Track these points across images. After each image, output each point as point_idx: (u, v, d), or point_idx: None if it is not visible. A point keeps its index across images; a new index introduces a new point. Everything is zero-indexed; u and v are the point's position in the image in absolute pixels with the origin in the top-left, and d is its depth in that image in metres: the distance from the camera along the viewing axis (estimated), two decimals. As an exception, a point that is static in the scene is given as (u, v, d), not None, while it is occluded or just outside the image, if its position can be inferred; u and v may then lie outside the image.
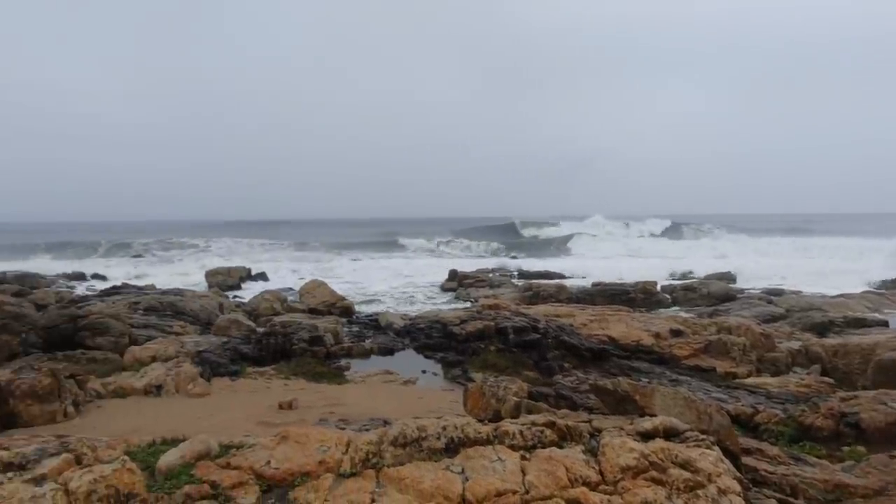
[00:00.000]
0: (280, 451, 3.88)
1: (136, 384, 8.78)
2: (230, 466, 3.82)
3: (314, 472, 3.66)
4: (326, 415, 7.76)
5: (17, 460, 3.37)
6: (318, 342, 12.27)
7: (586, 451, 3.91)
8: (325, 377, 10.52)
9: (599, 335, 12.54)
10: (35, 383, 7.23)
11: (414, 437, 3.81)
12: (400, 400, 9.08)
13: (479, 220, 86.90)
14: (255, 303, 18.13)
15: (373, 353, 12.93)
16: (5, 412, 7.11)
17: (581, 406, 6.99)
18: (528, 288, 23.02)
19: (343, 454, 3.76)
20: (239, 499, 3.45)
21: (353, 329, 15.60)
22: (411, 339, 14.02)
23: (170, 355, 10.47)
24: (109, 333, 11.58)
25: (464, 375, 11.02)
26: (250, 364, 11.12)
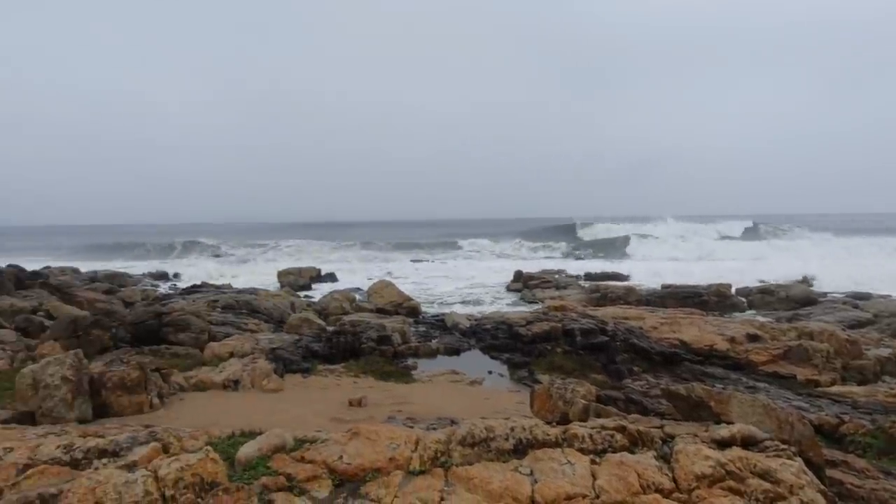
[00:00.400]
0: (352, 446, 3.97)
1: (215, 378, 9.19)
2: (304, 460, 3.93)
3: (384, 468, 3.73)
4: (394, 413, 7.88)
5: (111, 447, 3.60)
6: (386, 341, 12.48)
7: (658, 457, 3.81)
8: (392, 376, 10.70)
9: (670, 339, 12.19)
10: (124, 376, 7.69)
11: (482, 437, 3.83)
12: (466, 400, 9.11)
13: (539, 220, 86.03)
14: (324, 302, 18.61)
15: (439, 353, 13.03)
16: (98, 402, 7.60)
17: (652, 411, 6.82)
18: (595, 289, 22.61)
19: (412, 452, 3.81)
20: (313, 492, 3.56)
21: (420, 329, 15.78)
22: (477, 340, 14.05)
23: (246, 352, 10.91)
24: (190, 330, 12.19)
25: (530, 377, 10.95)
26: (321, 361, 11.43)
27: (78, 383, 7.32)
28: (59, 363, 7.41)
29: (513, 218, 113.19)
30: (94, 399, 7.56)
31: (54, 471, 3.24)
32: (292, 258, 40.65)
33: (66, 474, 3.19)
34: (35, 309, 14.95)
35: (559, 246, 50.66)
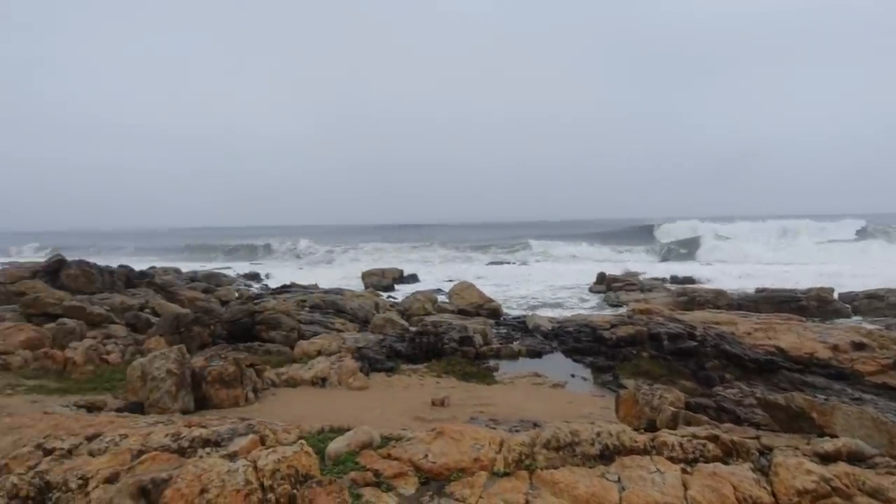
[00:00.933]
0: (436, 445, 4.03)
1: (304, 375, 9.56)
2: (391, 457, 4.03)
3: (469, 468, 3.76)
4: (477, 413, 7.91)
5: (213, 437, 3.83)
6: (467, 342, 12.56)
7: (755, 469, 3.64)
8: (474, 377, 10.75)
9: (766, 345, 11.55)
10: (223, 370, 8.15)
11: (567, 441, 3.79)
12: (549, 403, 9.02)
13: (617, 221, 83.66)
14: (407, 303, 18.93)
15: (521, 355, 12.97)
16: (199, 395, 8.09)
17: (746, 421, 6.50)
18: (682, 293, 21.77)
19: (496, 453, 3.83)
20: (400, 488, 3.64)
21: (501, 331, 15.75)
22: (559, 343, 13.88)
23: (333, 350, 11.29)
24: (281, 328, 12.74)
25: (614, 381, 10.71)
26: (404, 361, 11.66)
27: (181, 376, 7.83)
28: (164, 357, 7.94)
29: (592, 219, 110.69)
30: (196, 392, 8.06)
31: (164, 457, 3.48)
32: (375, 259, 41.60)
33: (175, 461, 3.42)
34: (142, 306, 16.07)
35: (640, 247, 48.87)
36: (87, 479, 3.25)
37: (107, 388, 8.99)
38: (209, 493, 2.89)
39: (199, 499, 2.88)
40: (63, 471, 3.41)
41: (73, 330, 11.60)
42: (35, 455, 3.82)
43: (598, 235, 59.16)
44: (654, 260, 41.65)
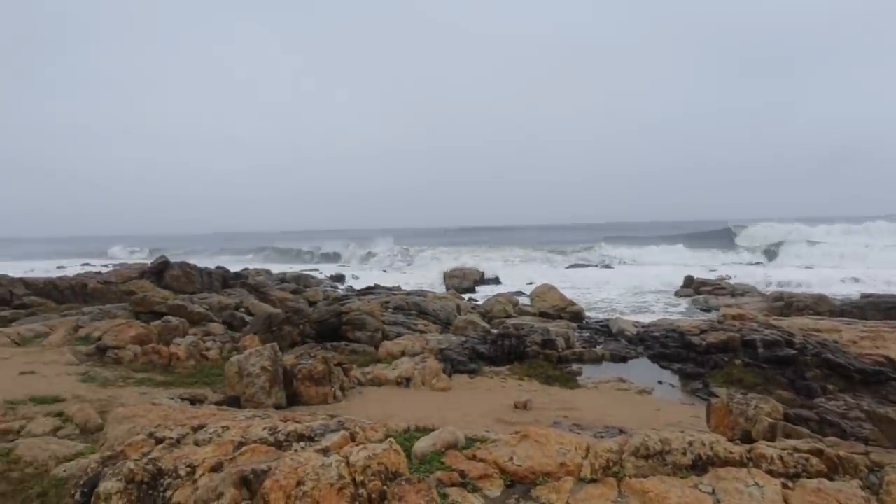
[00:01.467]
0: (521, 448, 4.03)
1: (389, 375, 9.79)
2: (476, 458, 4.06)
3: (554, 473, 3.74)
4: (560, 418, 7.83)
5: (307, 432, 4.00)
6: (550, 345, 12.43)
7: (864, 487, 3.41)
8: (557, 380, 10.63)
9: (873, 355, 10.73)
10: (312, 368, 8.48)
11: (657, 449, 3.69)
12: (634, 409, 8.79)
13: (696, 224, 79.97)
14: (488, 305, 18.97)
15: (605, 360, 12.71)
16: (290, 391, 8.46)
17: (852, 435, 6.09)
18: (778, 297, 20.57)
19: (583, 459, 3.78)
20: (485, 490, 3.67)
21: (584, 334, 15.49)
22: (645, 348, 13.49)
23: (416, 351, 11.49)
24: (366, 328, 13.10)
25: (705, 389, 10.29)
26: (486, 363, 11.69)
27: (275, 373, 8.21)
28: (258, 355, 8.36)
29: (674, 220, 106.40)
30: (287, 388, 8.43)
31: (262, 449, 3.67)
32: (455, 262, 41.86)
33: (273, 454, 3.60)
34: (237, 305, 16.97)
35: (727, 250, 46.16)
36: (195, 467, 3.47)
37: (206, 383, 9.56)
38: (305, 486, 3.02)
39: (296, 490, 3.02)
40: (173, 458, 3.65)
41: (177, 327, 12.40)
42: (148, 443, 4.11)
43: (679, 237, 56.80)
44: (740, 262, 39.45)
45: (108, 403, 7.73)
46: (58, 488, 4.82)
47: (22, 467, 5.45)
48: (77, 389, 8.61)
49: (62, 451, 5.81)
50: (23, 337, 12.43)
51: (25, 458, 5.62)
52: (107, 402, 7.81)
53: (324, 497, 2.96)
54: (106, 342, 11.08)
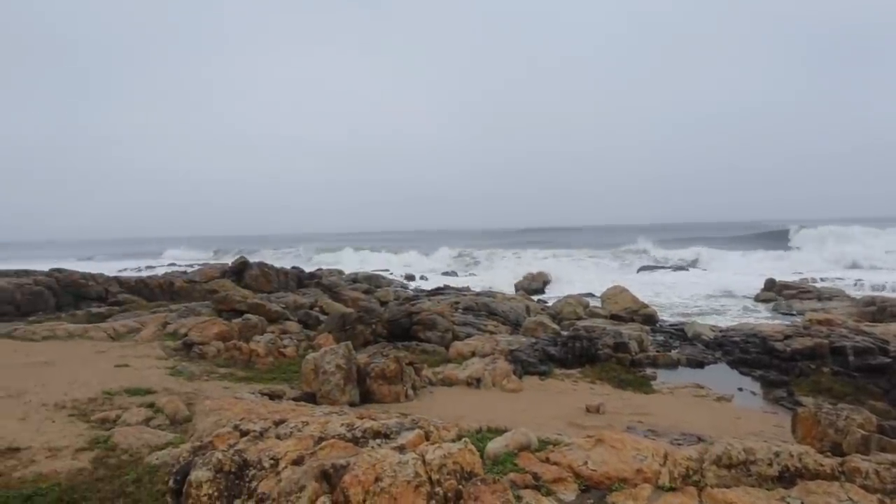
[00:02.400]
0: (596, 453, 3.97)
1: (459, 375, 9.84)
2: (549, 461, 4.03)
3: (631, 479, 3.67)
4: (634, 423, 7.66)
5: (383, 430, 4.09)
6: (622, 348, 12.17)
7: (972, 507, 3.17)
8: (630, 384, 10.40)
9: (982, 365, 9.93)
10: (384, 367, 8.65)
11: (741, 459, 3.55)
12: (713, 417, 8.48)
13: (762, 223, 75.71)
14: (558, 306, 18.75)
15: (680, 364, 12.33)
16: (363, 389, 8.65)
17: (957, 451, 5.65)
18: (870, 302, 19.30)
19: (661, 466, 3.69)
20: (559, 493, 3.64)
21: (658, 338, 15.07)
22: (724, 353, 12.99)
23: (486, 352, 11.50)
24: (437, 329, 13.22)
25: (789, 398, 9.80)
26: (557, 365, 11.57)
27: (349, 371, 8.43)
28: (333, 353, 8.60)
29: (753, 220, 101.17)
30: (360, 386, 8.63)
31: (341, 445, 3.78)
32: (524, 263, 41.55)
33: (351, 449, 3.70)
34: (312, 305, 17.50)
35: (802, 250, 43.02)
36: (278, 459, 3.62)
37: (284, 379, 9.91)
38: (383, 482, 3.10)
39: (374, 486, 3.09)
40: (257, 451, 3.81)
41: (256, 325, 12.92)
42: (233, 435, 4.30)
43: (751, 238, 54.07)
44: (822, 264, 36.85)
45: (194, 396, 8.15)
46: (151, 475, 5.13)
47: (118, 454, 5.83)
48: (166, 382, 9.11)
49: (154, 440, 6.17)
50: (117, 332, 13.27)
51: (121, 446, 6.00)
52: (193, 395, 8.23)
53: (401, 494, 3.02)
54: (191, 338, 11.67)
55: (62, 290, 19.69)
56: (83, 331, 13.11)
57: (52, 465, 5.50)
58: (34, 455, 5.74)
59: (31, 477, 5.18)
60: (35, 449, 5.89)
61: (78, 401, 7.68)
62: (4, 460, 5.58)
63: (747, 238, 56.16)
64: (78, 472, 5.32)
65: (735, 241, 53.13)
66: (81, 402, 7.63)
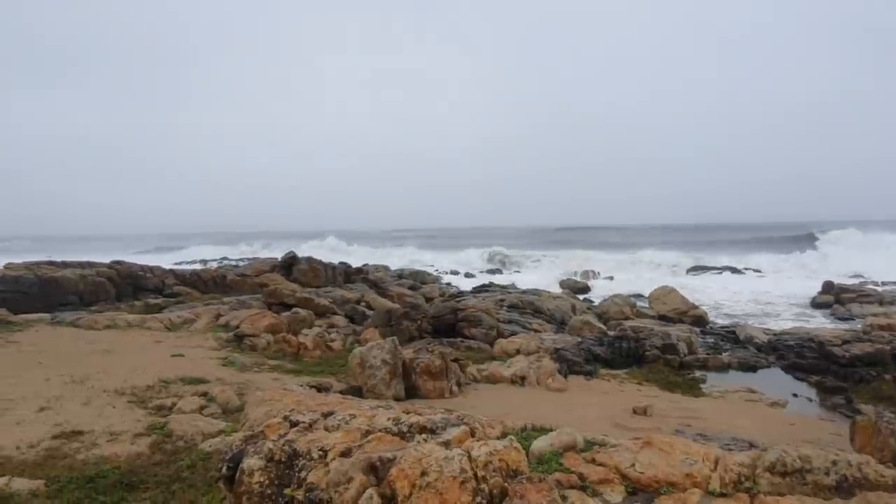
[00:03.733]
0: (644, 455, 3.91)
1: (504, 373, 9.83)
2: (595, 462, 3.99)
3: (680, 483, 3.60)
4: (682, 426, 7.51)
5: (428, 425, 4.12)
6: (670, 350, 11.93)
7: None
8: (679, 387, 10.18)
9: None
10: (430, 363, 8.71)
11: (796, 466, 3.45)
12: (766, 422, 8.23)
13: (799, 225, 72.49)
14: (605, 306, 18.50)
15: (731, 368, 12.01)
16: (408, 384, 8.74)
17: None
18: (939, 307, 18.40)
19: (711, 471, 3.61)
20: (606, 495, 3.59)
21: (708, 340, 14.72)
22: (777, 357, 12.59)
23: (531, 350, 11.45)
24: (482, 326, 13.23)
25: (847, 405, 9.43)
26: (603, 365, 11.42)
27: (394, 366, 8.52)
28: (380, 348, 8.71)
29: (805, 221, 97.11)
30: (406, 381, 8.71)
31: (388, 439, 3.83)
32: (571, 261, 41.12)
33: (397, 443, 3.75)
34: (358, 300, 17.74)
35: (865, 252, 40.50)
36: (326, 451, 3.69)
37: (331, 372, 10.10)
38: (429, 477, 3.13)
39: (420, 480, 3.13)
40: (307, 442, 3.90)
41: (305, 318, 13.19)
42: (284, 426, 4.41)
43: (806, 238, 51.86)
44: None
45: (245, 386, 8.39)
46: (204, 461, 5.32)
47: (174, 440, 6.07)
48: (219, 372, 9.41)
49: (207, 428, 6.39)
50: (173, 323, 13.77)
51: (177, 433, 6.24)
52: (244, 385, 8.48)
53: (447, 489, 3.05)
54: (243, 330, 12.01)
55: (122, 282, 20.52)
56: (141, 321, 13.65)
57: (113, 448, 5.76)
58: (96, 438, 6.03)
59: (94, 459, 5.44)
60: (97, 433, 6.18)
61: (136, 388, 8.02)
62: (69, 443, 5.87)
63: (802, 238, 54.07)
64: (136, 457, 5.56)
65: (789, 242, 51.22)
66: (140, 389, 7.96)
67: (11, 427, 6.22)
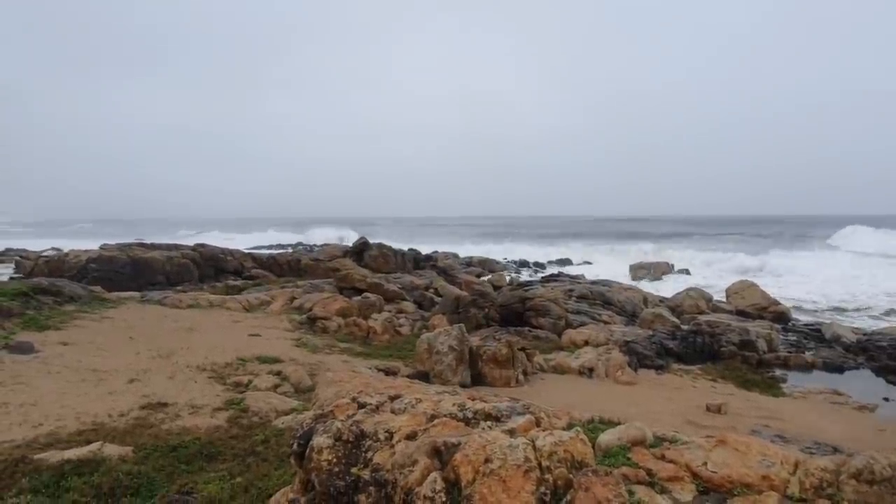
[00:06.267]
0: (717, 454, 3.76)
1: (571, 364, 9.70)
2: (665, 459, 3.87)
3: (755, 485, 3.44)
4: (760, 426, 7.19)
5: (494, 412, 4.12)
6: (748, 347, 11.42)
7: None
8: (756, 385, 9.75)
9: None
10: (496, 351, 8.70)
11: (885, 475, 3.22)
12: (852, 426, 7.76)
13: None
14: (678, 299, 17.88)
15: (815, 368, 11.38)
16: (474, 371, 8.77)
17: None
18: None
19: (790, 475, 3.43)
20: (675, 493, 3.48)
21: (790, 338, 14.00)
22: (868, 358, 11.82)
23: (600, 342, 11.23)
24: (550, 316, 13.09)
25: (947, 413, 8.76)
26: (675, 360, 11.08)
27: (461, 353, 8.57)
28: (447, 334, 8.77)
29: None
30: (472, 368, 8.75)
31: (452, 424, 3.86)
32: (643, 253, 39.99)
33: (462, 429, 3.77)
34: (427, 286, 17.93)
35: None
36: (392, 433, 3.75)
37: (398, 357, 10.27)
38: (492, 464, 3.13)
39: (483, 467, 3.13)
40: (373, 423, 3.98)
41: (374, 303, 13.45)
42: (352, 406, 4.51)
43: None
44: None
45: (317, 367, 8.66)
46: (277, 437, 5.53)
47: (249, 416, 6.34)
48: (292, 353, 9.75)
49: (280, 406, 6.64)
50: (250, 304, 14.36)
51: (252, 409, 6.52)
52: (315, 366, 8.75)
53: (510, 477, 3.03)
54: (315, 313, 12.38)
55: (205, 264, 21.57)
56: (221, 301, 14.31)
57: (194, 420, 6.08)
58: (179, 410, 6.38)
59: (177, 430, 5.76)
60: (180, 405, 6.54)
61: (216, 364, 8.43)
62: (155, 413, 6.25)
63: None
64: (215, 429, 5.84)
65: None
66: (219, 366, 8.36)
67: (104, 396, 6.67)
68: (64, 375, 7.33)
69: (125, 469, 4.51)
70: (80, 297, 13.05)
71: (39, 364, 7.76)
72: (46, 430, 5.54)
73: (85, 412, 6.09)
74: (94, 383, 7.10)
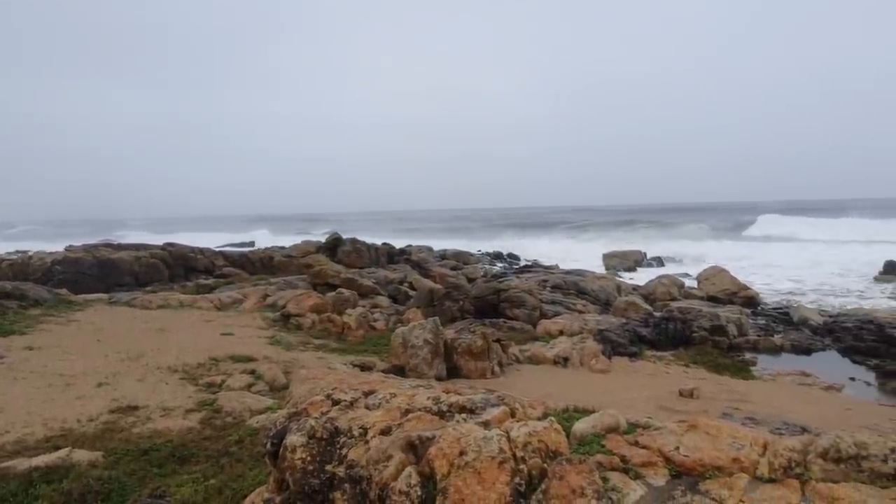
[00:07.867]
0: (689, 438, 3.81)
1: (546, 354, 9.77)
2: (638, 444, 3.91)
3: (726, 467, 3.49)
4: (730, 410, 7.31)
5: (468, 405, 4.12)
6: (719, 332, 11.63)
7: None
8: (727, 369, 9.94)
9: None
10: (471, 343, 8.71)
11: (851, 453, 3.29)
12: (819, 407, 7.96)
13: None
14: (651, 287, 18.12)
15: (783, 351, 11.64)
16: (450, 364, 8.77)
17: None
18: None
19: (759, 456, 3.49)
20: (648, 478, 3.52)
21: (759, 321, 14.30)
22: (834, 340, 12.13)
23: (575, 331, 11.33)
24: (524, 306, 13.15)
25: (909, 390, 9.04)
26: (648, 347, 11.23)
27: (436, 346, 8.56)
28: (422, 328, 8.75)
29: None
30: (447, 361, 8.75)
31: (427, 418, 3.85)
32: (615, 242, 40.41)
33: (436, 423, 3.76)
34: (401, 280, 17.88)
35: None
36: (367, 429, 3.73)
37: (374, 352, 10.22)
38: (467, 456, 3.12)
39: (458, 459, 3.13)
40: (348, 420, 3.95)
41: (348, 299, 13.37)
42: (326, 403, 4.47)
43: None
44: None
45: (291, 365, 8.57)
46: (251, 437, 5.47)
47: (223, 417, 6.26)
48: (266, 351, 9.64)
49: (255, 405, 6.57)
50: (222, 303, 14.16)
51: (226, 409, 6.43)
52: (290, 364, 8.66)
53: (485, 469, 3.04)
54: (289, 310, 12.25)
55: (174, 263, 21.20)
56: (192, 301, 14.08)
57: (166, 423, 5.98)
58: (150, 413, 6.26)
59: (148, 433, 5.66)
60: (151, 408, 6.42)
61: (188, 365, 8.29)
62: (125, 416, 6.12)
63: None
64: (188, 431, 5.75)
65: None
66: (191, 367, 8.22)
67: (73, 401, 6.51)
68: (30, 381, 7.14)
69: (95, 474, 4.42)
70: (45, 300, 12.74)
71: (5, 370, 7.56)
72: (13, 438, 5.40)
73: (53, 418, 5.95)
74: (62, 388, 6.93)
